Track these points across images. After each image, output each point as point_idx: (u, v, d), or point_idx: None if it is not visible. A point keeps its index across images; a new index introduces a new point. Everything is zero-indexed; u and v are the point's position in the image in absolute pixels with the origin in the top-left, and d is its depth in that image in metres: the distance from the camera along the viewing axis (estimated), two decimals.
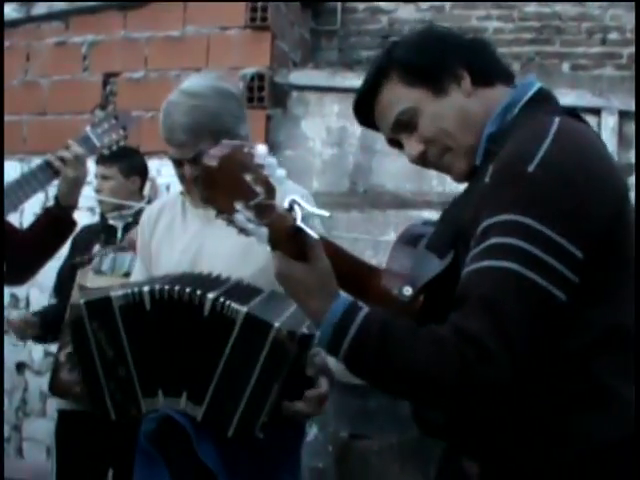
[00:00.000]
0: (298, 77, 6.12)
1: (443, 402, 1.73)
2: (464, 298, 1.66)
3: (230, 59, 5.98)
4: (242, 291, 2.64)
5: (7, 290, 6.07)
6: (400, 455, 5.06)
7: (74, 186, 3.35)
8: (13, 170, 5.97)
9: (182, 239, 2.95)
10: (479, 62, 1.96)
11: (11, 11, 6.51)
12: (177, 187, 5.26)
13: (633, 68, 6.04)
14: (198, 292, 2.54)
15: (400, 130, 1.98)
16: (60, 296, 4.57)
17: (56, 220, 3.41)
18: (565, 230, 1.65)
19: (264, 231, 1.69)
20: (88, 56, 6.44)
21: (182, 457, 2.58)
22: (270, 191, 1.69)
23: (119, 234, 4.43)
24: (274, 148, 5.93)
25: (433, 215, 5.77)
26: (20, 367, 6.38)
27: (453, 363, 1.62)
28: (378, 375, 1.73)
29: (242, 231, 1.70)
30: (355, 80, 6.05)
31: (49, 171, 3.29)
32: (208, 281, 2.66)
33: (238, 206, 1.65)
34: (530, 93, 1.92)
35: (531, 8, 6.50)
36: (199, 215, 2.96)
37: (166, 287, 2.58)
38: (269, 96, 5.89)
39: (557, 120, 1.78)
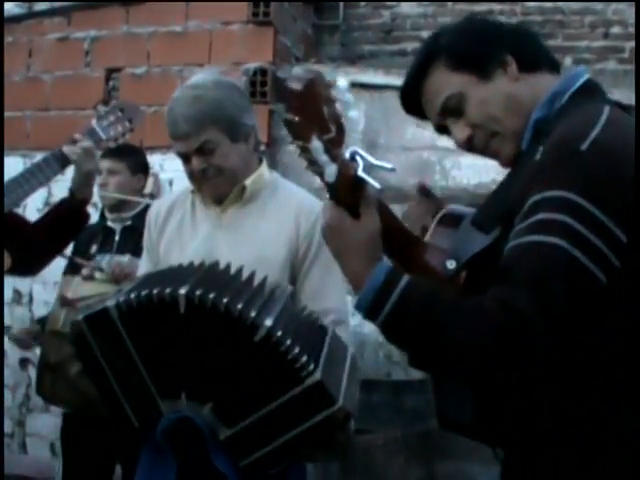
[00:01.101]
0: (301, 72, 6.10)
1: (479, 373, 1.70)
2: (509, 272, 1.65)
3: (233, 54, 5.97)
4: (291, 318, 2.54)
5: (10, 286, 6.08)
6: (404, 449, 5.05)
7: (87, 179, 3.35)
8: (16, 165, 5.99)
9: (192, 242, 2.94)
10: (525, 48, 1.97)
11: (13, 7, 6.51)
12: (180, 182, 5.26)
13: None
14: (252, 314, 2.38)
15: (447, 115, 1.99)
16: None
17: (70, 212, 3.40)
18: (612, 212, 1.64)
19: (334, 169, 1.66)
20: (90, 51, 6.43)
21: (193, 456, 2.55)
22: (341, 132, 1.67)
23: (117, 237, 4.43)
24: (277, 143, 5.93)
25: None
26: (24, 363, 6.38)
27: (496, 334, 1.60)
28: (417, 341, 1.71)
29: (312, 164, 1.68)
30: (357, 75, 6.06)
31: (63, 161, 3.28)
32: (245, 290, 2.53)
33: (314, 136, 1.63)
34: (579, 82, 1.92)
35: (534, 3, 6.50)
36: (209, 216, 2.96)
37: (201, 293, 2.39)
38: (272, 91, 5.89)
39: (607, 108, 1.79)
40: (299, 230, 2.89)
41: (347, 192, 1.72)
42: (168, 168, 5.68)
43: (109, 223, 4.49)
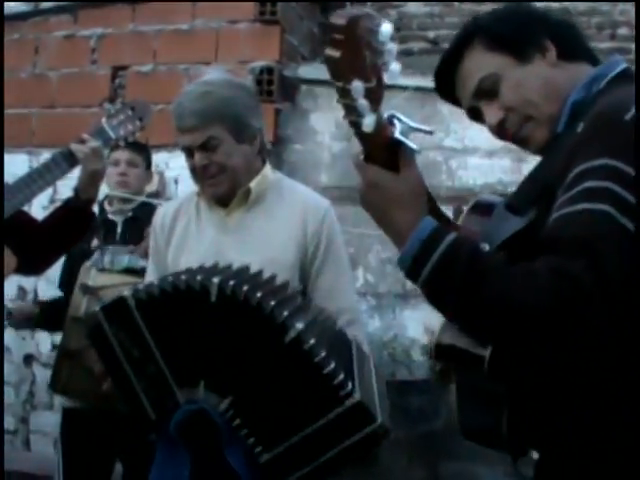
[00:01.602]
0: (307, 71, 6.11)
1: (527, 336, 1.61)
2: (558, 240, 1.61)
3: (239, 53, 5.97)
4: (324, 329, 2.55)
5: (15, 282, 6.08)
6: (408, 450, 5.05)
7: (93, 179, 3.34)
8: (21, 163, 6.00)
9: (199, 247, 2.92)
10: (566, 38, 1.96)
11: (20, 4, 6.50)
12: (186, 181, 5.26)
13: None
14: (285, 313, 2.36)
15: (481, 97, 1.97)
16: (65, 289, 4.58)
17: (75, 212, 3.39)
18: None
19: (373, 119, 1.60)
20: (97, 49, 6.43)
21: (208, 453, 2.53)
22: (381, 86, 1.62)
23: (119, 229, 4.42)
24: (283, 142, 5.93)
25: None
26: (28, 359, 6.38)
27: (551, 297, 1.54)
28: (462, 299, 1.64)
29: (349, 112, 1.62)
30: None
31: (71, 160, 3.28)
32: (278, 292, 2.54)
33: (355, 80, 1.56)
34: (618, 69, 1.90)
35: (540, 3, 6.47)
36: (214, 220, 2.95)
37: (234, 284, 2.39)
38: (278, 90, 5.89)
39: None
40: (306, 229, 2.89)
41: (383, 152, 1.69)
42: (174, 166, 5.68)
43: (110, 216, 4.48)
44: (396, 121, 1.68)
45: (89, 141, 3.29)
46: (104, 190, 4.33)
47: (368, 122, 1.60)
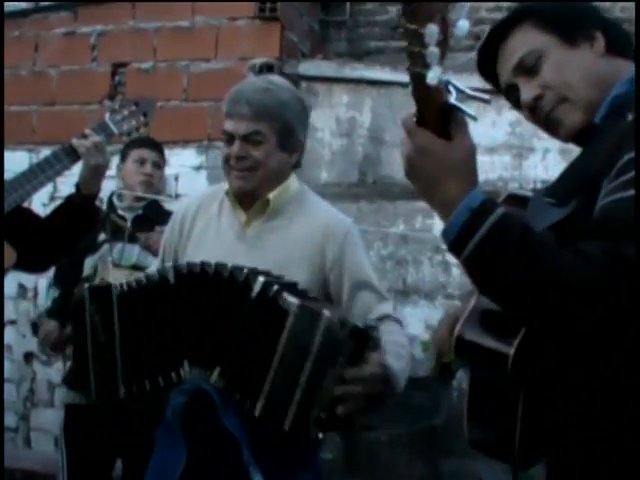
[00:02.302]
0: (307, 68, 6.11)
1: (577, 315, 1.56)
2: (608, 225, 1.58)
3: (239, 50, 5.97)
4: (290, 286, 2.63)
5: (15, 280, 6.09)
6: (409, 446, 5.06)
7: (95, 174, 3.31)
8: (22, 160, 6.00)
9: (215, 250, 2.87)
10: (616, 34, 1.93)
11: (20, 1, 6.50)
12: (185, 178, 5.26)
13: None
14: (245, 271, 2.56)
15: (521, 73, 1.94)
16: (61, 285, 4.56)
17: (78, 208, 3.37)
18: None
19: (439, 71, 1.51)
20: (97, 46, 6.43)
21: (204, 430, 2.62)
22: (446, 41, 1.53)
23: (128, 226, 4.40)
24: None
25: None
26: (28, 357, 6.39)
27: (603, 276, 1.51)
28: (512, 273, 1.58)
29: (417, 58, 1.52)
30: (364, 71, 6.05)
31: (73, 155, 3.27)
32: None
33: (429, 25, 1.48)
34: None
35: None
36: (234, 227, 2.93)
37: (188, 265, 2.68)
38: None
39: None
40: (325, 257, 2.84)
41: (436, 117, 1.62)
42: (174, 163, 5.67)
43: (120, 212, 4.47)
44: (452, 87, 1.61)
45: (91, 136, 3.28)
46: (108, 186, 4.32)
47: (434, 75, 1.52)
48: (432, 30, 1.47)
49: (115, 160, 4.48)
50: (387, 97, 5.89)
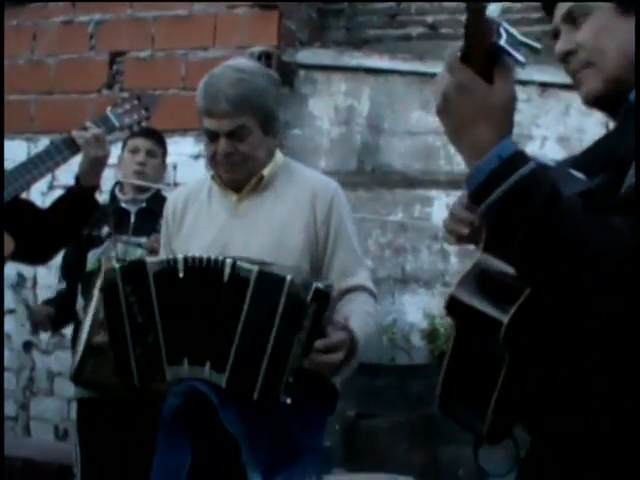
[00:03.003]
0: (305, 56, 6.10)
1: (587, 286, 1.53)
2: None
3: (237, 38, 5.96)
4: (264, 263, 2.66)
5: (14, 269, 6.09)
6: (408, 433, 5.06)
7: (95, 166, 3.31)
8: (20, 149, 6.00)
9: (209, 231, 2.92)
10: None
11: None
12: (184, 167, 5.26)
13: None
14: (220, 258, 2.58)
15: (567, 22, 1.89)
16: (67, 280, 4.56)
17: (78, 200, 3.36)
18: None
19: (500, 5, 1.48)
20: (95, 35, 6.42)
21: (205, 431, 2.59)
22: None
23: (132, 219, 4.38)
24: (283, 127, 5.93)
25: (441, 195, 5.79)
26: (27, 346, 6.39)
27: (625, 253, 1.47)
28: (534, 231, 1.52)
29: None
30: (362, 59, 6.04)
31: (73, 147, 3.26)
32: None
33: None
34: None
35: None
36: (225, 206, 2.94)
37: (197, 255, 2.64)
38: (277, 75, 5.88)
39: None
40: (316, 214, 2.88)
41: (483, 57, 1.56)
42: (172, 152, 5.64)
43: (123, 205, 4.44)
44: (503, 30, 1.55)
45: (91, 128, 3.27)
46: (109, 177, 4.31)
47: (495, 7, 1.49)
48: None
49: (115, 151, 4.48)
50: (385, 85, 5.88)
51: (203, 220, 2.97)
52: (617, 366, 1.64)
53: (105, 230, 4.32)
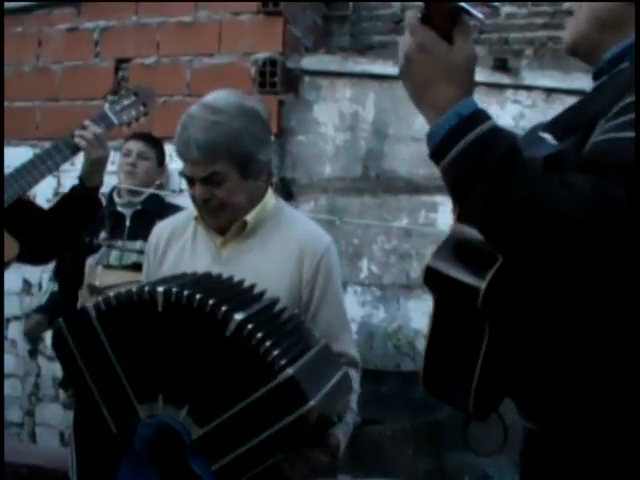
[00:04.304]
0: (310, 62, 6.11)
1: (552, 243, 1.51)
2: (600, 162, 1.53)
3: (242, 44, 5.97)
4: (274, 319, 2.49)
5: (20, 275, 6.10)
6: (413, 440, 5.06)
7: (97, 166, 3.29)
8: (26, 156, 5.99)
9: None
10: None
11: None
12: None
13: None
14: (223, 308, 2.31)
15: None
16: (60, 280, 4.57)
17: (82, 199, 3.35)
18: None
19: None
20: (100, 42, 6.44)
21: (174, 465, 2.48)
22: None
23: (127, 222, 4.40)
24: (286, 133, 5.93)
25: (446, 200, 5.79)
26: (33, 353, 6.40)
27: (586, 209, 1.47)
28: (491, 190, 1.53)
29: None
30: (367, 65, 6.05)
31: (73, 147, 3.24)
32: (232, 292, 2.51)
33: None
34: None
35: None
36: (209, 249, 2.84)
37: (177, 290, 2.35)
38: (281, 81, 5.89)
39: None
40: (302, 272, 2.75)
41: (443, 19, 1.58)
42: (177, 159, 5.68)
43: (119, 208, 4.45)
44: None
45: (90, 127, 3.25)
46: (108, 183, 4.32)
47: None
48: None
49: (116, 155, 4.49)
50: (390, 91, 5.88)
51: (185, 260, 2.86)
52: (594, 326, 1.64)
53: (102, 236, 4.33)
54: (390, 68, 5.90)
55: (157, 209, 4.29)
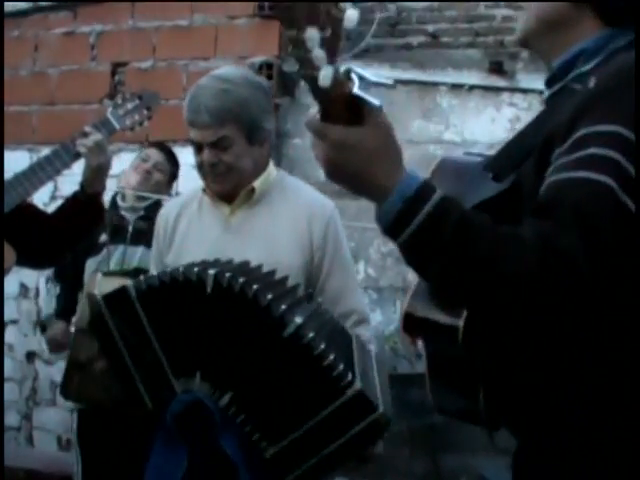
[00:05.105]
0: None
1: (510, 304, 1.52)
2: (552, 206, 1.51)
3: (238, 48, 5.98)
4: (323, 322, 2.56)
5: (17, 280, 6.10)
6: (410, 442, 5.07)
7: (98, 173, 3.27)
8: (22, 160, 6.00)
9: (200, 246, 2.89)
10: (616, 5, 1.78)
11: (19, 1, 6.51)
12: (186, 177, 5.27)
13: None
14: (282, 307, 2.37)
15: None
16: (61, 282, 4.56)
17: (83, 205, 3.33)
18: None
19: (330, 71, 1.45)
20: (96, 46, 6.44)
21: (204, 443, 2.53)
22: (336, 36, 1.48)
23: (130, 227, 4.39)
24: (282, 137, 5.94)
25: None
26: (30, 356, 6.40)
27: (538, 269, 1.46)
28: (447, 262, 1.52)
29: (304, 63, 1.46)
30: (363, 68, 6.06)
31: (73, 152, 3.22)
32: (277, 286, 2.57)
33: (309, 29, 1.43)
34: None
35: None
36: (217, 219, 2.93)
37: (230, 276, 2.41)
38: (277, 85, 5.89)
39: None
40: (312, 238, 2.87)
41: (343, 110, 1.52)
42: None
43: (122, 212, 4.45)
44: (354, 75, 1.52)
45: (92, 134, 3.24)
46: (112, 188, 4.31)
47: (325, 74, 1.44)
48: (312, 34, 1.43)
49: (116, 160, 4.49)
50: (386, 95, 5.89)
51: (194, 233, 2.96)
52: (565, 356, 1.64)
53: (104, 237, 4.32)
54: (386, 72, 5.91)
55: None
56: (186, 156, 5.73)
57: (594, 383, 1.61)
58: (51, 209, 3.54)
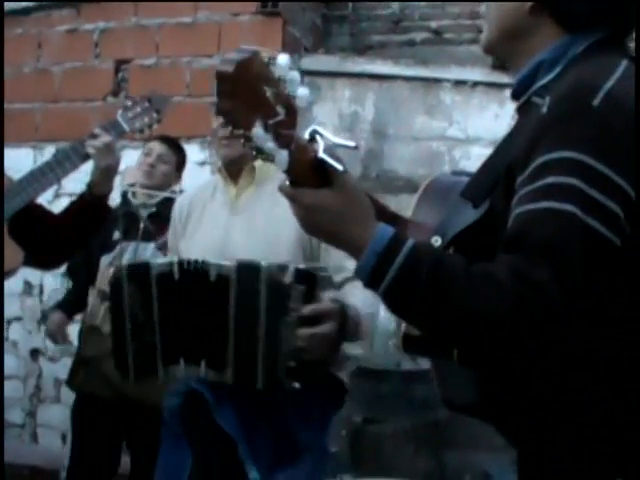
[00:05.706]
0: (309, 62, 6.11)
1: (490, 346, 1.55)
2: (520, 240, 1.53)
3: (242, 45, 5.96)
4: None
5: (21, 277, 6.10)
6: (414, 439, 5.07)
7: (107, 175, 3.27)
8: (26, 158, 6.02)
9: (210, 230, 2.97)
10: (576, 7, 1.76)
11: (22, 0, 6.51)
12: (191, 174, 5.28)
13: None
14: (207, 261, 2.63)
15: None
16: (73, 278, 4.58)
17: (90, 207, 3.33)
18: (626, 172, 1.52)
19: (284, 155, 1.51)
20: (99, 43, 6.44)
21: (203, 430, 2.61)
22: (292, 112, 1.55)
23: (141, 224, 4.39)
24: None
25: None
26: (34, 354, 6.41)
27: (513, 307, 1.47)
28: (423, 311, 1.57)
29: (260, 153, 1.52)
30: (366, 65, 6.06)
31: (82, 153, 3.22)
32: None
33: (256, 123, 1.48)
34: (601, 36, 1.74)
35: None
36: (225, 202, 3.00)
37: (189, 258, 2.68)
38: None
39: (625, 61, 1.66)
40: None
41: (310, 173, 1.59)
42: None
43: (133, 209, 4.45)
44: (319, 137, 1.59)
45: (101, 136, 3.23)
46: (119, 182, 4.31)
47: (280, 160, 1.52)
48: (258, 132, 1.48)
49: (125, 156, 4.49)
50: (389, 91, 5.89)
51: (205, 218, 3.04)
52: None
53: (117, 234, 4.34)
54: (389, 68, 5.91)
55: (170, 212, 4.30)
56: (190, 153, 5.76)
57: (594, 384, 1.62)
58: (55, 207, 3.55)
